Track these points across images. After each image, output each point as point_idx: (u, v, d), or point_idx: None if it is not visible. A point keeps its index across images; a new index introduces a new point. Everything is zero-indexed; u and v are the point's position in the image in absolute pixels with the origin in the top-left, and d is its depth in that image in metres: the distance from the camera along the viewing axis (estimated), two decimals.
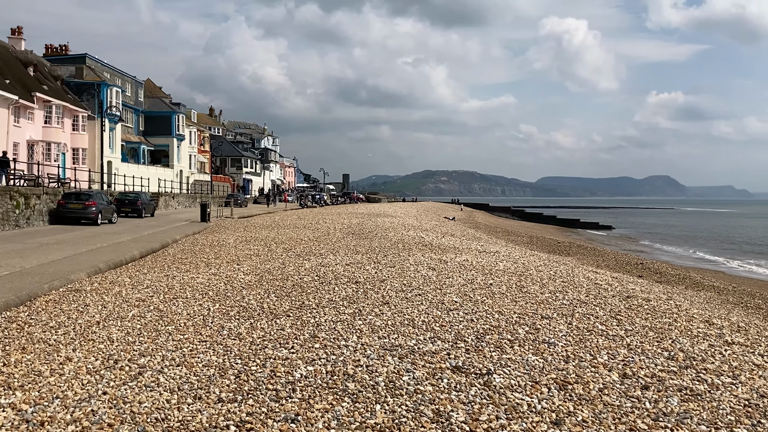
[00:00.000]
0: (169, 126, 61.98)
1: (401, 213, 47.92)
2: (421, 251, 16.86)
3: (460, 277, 11.31)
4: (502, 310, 8.07)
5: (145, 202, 34.41)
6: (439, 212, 68.38)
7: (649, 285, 17.73)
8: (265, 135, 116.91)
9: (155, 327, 7.62)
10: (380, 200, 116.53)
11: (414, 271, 11.96)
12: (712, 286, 21.99)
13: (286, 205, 66.15)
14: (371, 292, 9.56)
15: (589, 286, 11.30)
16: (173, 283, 11.15)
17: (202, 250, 18.21)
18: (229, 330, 7.34)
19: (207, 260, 15.54)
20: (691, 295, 18.65)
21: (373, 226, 27.50)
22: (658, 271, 26.32)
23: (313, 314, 8.04)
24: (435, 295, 9.22)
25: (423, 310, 8.12)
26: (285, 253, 16.79)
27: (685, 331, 7.54)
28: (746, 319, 11.19)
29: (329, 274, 11.78)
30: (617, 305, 9.05)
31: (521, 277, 11.74)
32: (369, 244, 19.05)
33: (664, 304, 10.15)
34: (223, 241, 20.68)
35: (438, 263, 13.47)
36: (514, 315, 7.80)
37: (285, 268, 13.00)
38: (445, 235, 26.26)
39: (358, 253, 16.02)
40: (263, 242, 20.13)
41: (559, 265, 16.72)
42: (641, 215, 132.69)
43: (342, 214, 42.42)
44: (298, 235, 22.64)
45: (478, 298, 8.97)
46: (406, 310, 8.13)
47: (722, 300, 18.38)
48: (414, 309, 8.19)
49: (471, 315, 7.75)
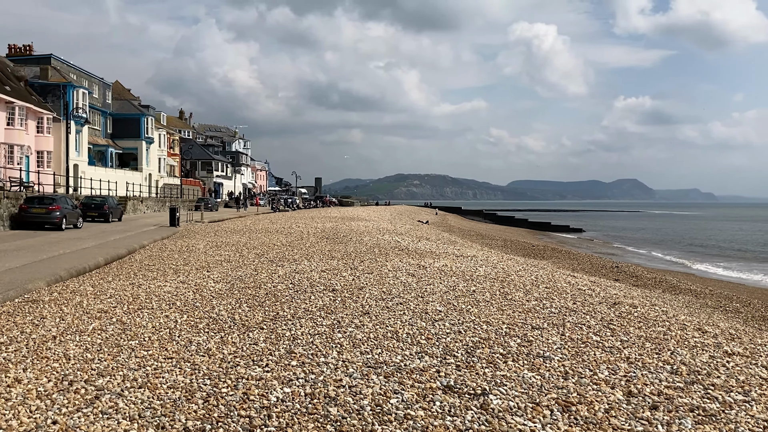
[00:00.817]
0: (138, 129, 60.72)
1: (375, 217, 47.43)
2: (399, 256, 16.38)
3: (441, 283, 10.85)
4: (489, 320, 7.61)
5: (112, 206, 33.47)
6: (413, 216, 68.01)
7: (628, 289, 17.49)
8: (237, 138, 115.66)
9: (117, 342, 7.02)
10: (353, 204, 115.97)
11: (393, 278, 11.47)
12: (689, 289, 21.87)
13: (258, 209, 65.24)
14: (350, 301, 9.04)
15: (574, 292, 10.93)
16: (139, 293, 10.52)
17: (170, 256, 17.53)
18: (197, 345, 6.77)
19: (175, 267, 14.89)
20: (670, 299, 18.45)
21: (347, 230, 26.97)
22: (634, 274, 26.19)
23: (289, 326, 7.50)
24: (417, 304, 8.73)
25: (406, 320, 7.62)
26: (257, 258, 16.19)
27: (682, 341, 7.16)
28: (733, 325, 10.91)
29: (304, 281, 11.24)
30: (607, 313, 8.66)
31: (504, 283, 11.32)
32: (344, 248, 18.52)
33: (652, 311, 9.80)
34: (193, 247, 20.00)
35: (417, 269, 12.99)
36: (503, 325, 7.34)
37: (257, 275, 12.43)
38: (421, 239, 25.83)
39: (334, 259, 15.49)
40: (234, 247, 19.49)
41: (538, 269, 16.38)
42: (610, 218, 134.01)
43: (315, 218, 41.79)
44: (271, 240, 22.03)
45: (463, 307, 8.50)
46: (389, 321, 7.63)
47: (701, 304, 18.20)
48: (396, 320, 7.69)
49: (458, 326, 7.27)
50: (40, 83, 44.95)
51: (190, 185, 73.43)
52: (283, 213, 56.27)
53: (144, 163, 61.10)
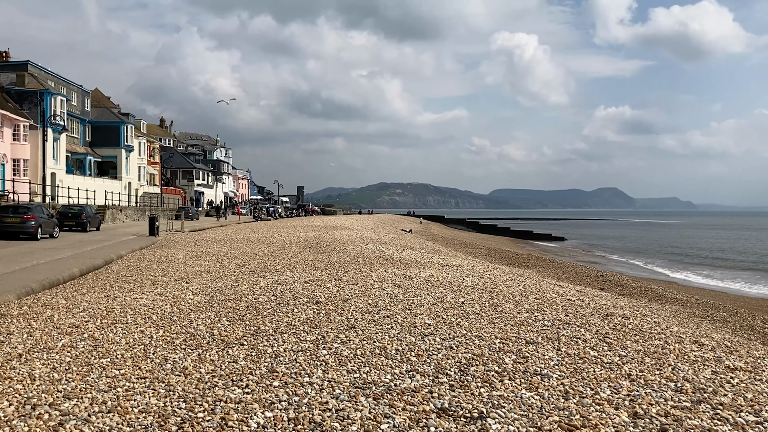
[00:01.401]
0: (118, 136, 59.92)
1: (358, 226, 47.04)
2: (383, 266, 16.03)
3: (429, 295, 10.50)
4: (481, 335, 7.27)
5: (90, 215, 32.81)
6: (396, 224, 67.69)
7: (615, 298, 17.28)
8: (218, 146, 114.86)
9: (87, 360, 6.59)
10: (336, 213, 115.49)
11: (379, 289, 11.11)
12: (675, 298, 21.73)
13: (240, 218, 64.57)
14: (334, 314, 8.67)
15: (564, 303, 10.64)
16: (113, 306, 10.06)
17: (148, 266, 17.05)
18: (173, 363, 6.37)
19: (153, 278, 14.43)
20: (658, 308, 18.25)
21: (330, 240, 26.57)
22: (619, 283, 26.05)
23: (271, 342, 7.11)
24: (405, 317, 8.37)
25: (394, 335, 7.26)
26: (238, 269, 15.77)
27: (681, 355, 6.88)
28: (727, 337, 10.69)
29: (287, 293, 10.84)
30: (601, 325, 8.37)
31: (492, 294, 11.01)
32: (328, 258, 18.14)
33: (645, 322, 9.54)
34: (172, 257, 19.51)
35: (403, 279, 12.65)
36: (496, 340, 7.01)
37: (238, 286, 12.01)
38: (405, 248, 25.49)
39: (317, 269, 15.10)
40: (215, 257, 19.04)
41: (525, 279, 16.09)
42: (591, 227, 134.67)
43: (297, 227, 41.33)
44: (252, 250, 21.59)
45: (453, 320, 8.16)
46: (376, 336, 7.26)
47: (689, 313, 18.02)
48: (384, 334, 7.33)
49: (449, 341, 6.93)
50: (17, 90, 44.16)
51: (170, 194, 72.61)
52: (265, 222, 55.71)
53: (123, 171, 60.28)
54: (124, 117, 63.40)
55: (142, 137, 67.98)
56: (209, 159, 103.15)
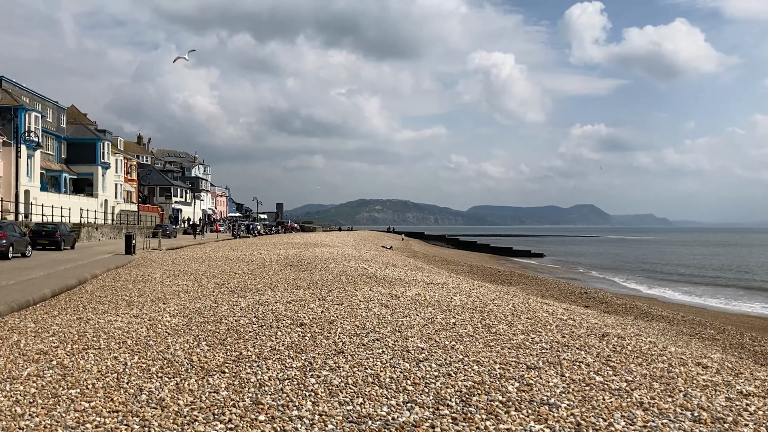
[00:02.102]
0: (94, 153, 58.96)
1: (339, 242, 46.51)
2: (368, 284, 15.58)
3: (418, 315, 10.07)
4: (479, 359, 6.85)
5: (64, 233, 32.01)
6: (376, 241, 67.24)
7: (601, 316, 16.99)
8: (196, 163, 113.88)
9: (54, 391, 6.08)
10: (315, 229, 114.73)
11: (365, 309, 10.66)
12: (660, 315, 21.50)
13: (218, 235, 63.73)
14: (320, 338, 8.20)
15: (557, 323, 10.27)
16: (86, 329, 9.51)
17: (124, 286, 16.46)
18: (148, 394, 5.87)
19: (129, 299, 13.86)
20: (645, 326, 18.01)
21: (311, 257, 26.06)
22: (603, 300, 25.82)
23: (254, 369, 6.63)
24: (396, 340, 7.93)
25: (387, 361, 6.81)
26: (217, 289, 15.24)
27: (690, 379, 6.52)
28: (726, 357, 10.40)
29: (269, 314, 10.36)
30: (601, 347, 8.00)
31: (483, 314, 10.61)
32: (310, 277, 17.65)
33: (642, 342, 9.19)
34: (149, 276, 18.91)
35: (389, 299, 12.21)
36: (495, 365, 6.59)
37: (218, 307, 11.50)
38: (388, 265, 25.04)
39: (300, 288, 14.62)
40: (193, 276, 18.47)
41: (512, 297, 15.73)
42: (569, 243, 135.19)
43: (277, 244, 40.71)
44: (232, 268, 21.03)
45: (447, 343, 7.73)
46: (367, 361, 6.81)
47: (677, 331, 17.78)
48: (375, 360, 6.88)
49: (446, 367, 6.50)
50: None
51: (147, 211, 71.55)
52: (244, 239, 54.96)
53: (100, 188, 59.28)
54: (100, 134, 62.48)
55: (119, 154, 67.04)
56: (187, 176, 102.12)
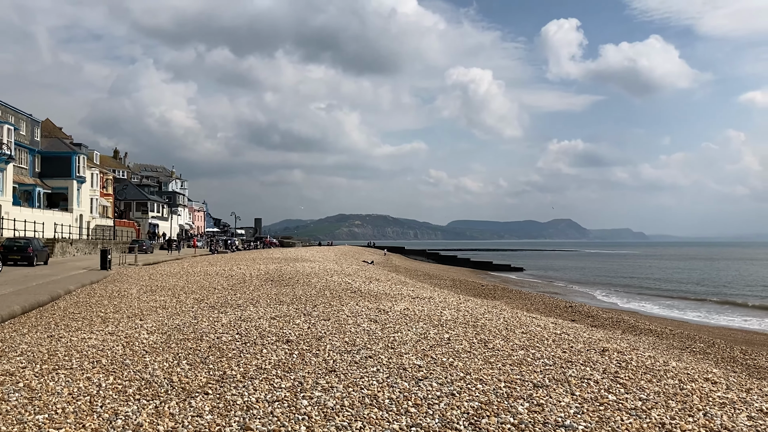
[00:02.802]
0: (69, 167, 57.87)
1: (320, 257, 45.94)
2: (353, 299, 15.12)
3: (410, 330, 9.63)
4: (482, 377, 6.42)
5: (37, 248, 31.13)
6: (357, 256, 66.72)
7: (590, 330, 16.66)
8: (173, 178, 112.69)
9: (19, 417, 5.53)
10: (294, 245, 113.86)
11: (354, 325, 10.19)
12: (648, 329, 21.23)
13: (195, 250, 62.80)
14: (309, 355, 7.72)
15: (553, 338, 9.89)
16: (57, 348, 8.93)
17: (99, 302, 15.83)
18: (125, 419, 5.36)
19: (104, 315, 13.26)
20: (635, 340, 17.70)
21: (293, 272, 25.51)
22: (589, 314, 25.54)
23: (240, 390, 6.14)
24: (390, 357, 7.48)
25: (383, 380, 6.35)
26: (197, 304, 14.67)
27: (705, 396, 6.15)
28: (719, 371, 10.09)
29: (252, 330, 9.85)
30: (605, 363, 7.62)
31: (476, 329, 10.20)
32: (292, 292, 17.13)
33: (640, 356, 8.83)
34: (125, 292, 18.28)
35: (377, 313, 11.75)
36: (500, 384, 6.16)
37: (198, 323, 10.95)
38: (371, 280, 24.58)
39: (283, 304, 14.10)
40: (171, 292, 17.87)
41: (501, 311, 15.37)
42: (548, 257, 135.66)
43: (257, 259, 40.05)
44: (211, 284, 20.43)
45: (444, 360, 7.29)
46: (362, 381, 6.34)
47: (667, 345, 17.50)
48: (371, 379, 6.41)
49: (447, 386, 6.05)
50: None
51: (124, 226, 70.38)
52: (222, 255, 54.14)
53: (75, 203, 58.16)
54: (75, 147, 61.45)
55: (95, 168, 65.95)
56: (164, 191, 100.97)
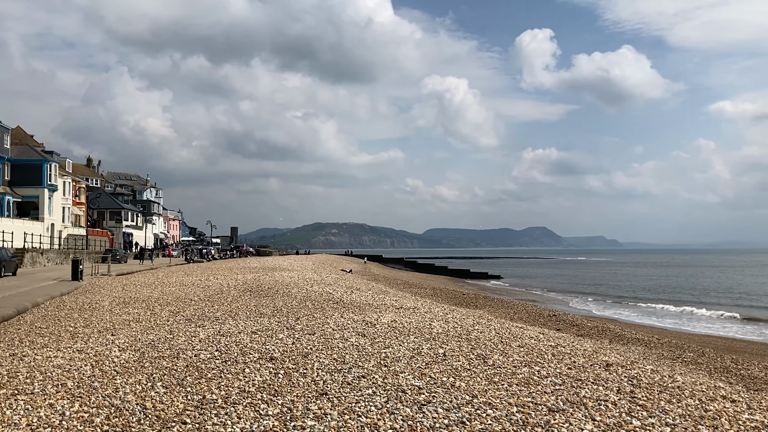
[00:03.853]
0: (40, 175, 56.55)
1: (298, 266, 45.18)
2: (337, 310, 14.50)
3: (402, 345, 9.05)
4: (489, 400, 5.86)
5: (5, 258, 30.07)
6: (335, 265, 65.98)
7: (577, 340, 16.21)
8: (148, 186, 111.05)
9: None
10: (272, 253, 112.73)
11: (341, 339, 9.58)
12: (635, 338, 20.87)
13: (171, 260, 61.61)
14: (296, 375, 7.10)
15: (552, 351, 9.38)
16: (19, 368, 8.20)
17: (68, 315, 15.03)
18: None
19: (73, 330, 12.51)
20: (624, 350, 17.29)
21: (272, 282, 24.80)
22: (573, 323, 25.15)
23: (222, 418, 5.50)
24: (385, 377, 6.88)
25: (382, 405, 5.74)
26: (172, 317, 13.96)
27: (734, 420, 5.64)
28: (725, 386, 9.65)
29: (233, 346, 9.19)
30: (618, 381, 7.11)
31: (470, 342, 9.66)
32: (273, 303, 16.47)
33: (643, 372, 8.36)
34: (97, 304, 17.48)
35: (364, 326, 11.16)
36: (512, 408, 5.60)
37: (174, 339, 10.26)
38: (352, 289, 23.97)
39: (263, 316, 13.44)
40: (145, 304, 17.11)
41: (490, 322, 14.85)
42: (525, 265, 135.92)
43: (234, 269, 39.20)
44: (187, 295, 19.67)
45: (445, 380, 6.72)
46: (358, 406, 5.73)
47: (657, 355, 17.12)
48: (368, 404, 5.80)
49: (454, 412, 5.47)
50: None
51: (97, 236, 68.91)
52: (198, 264, 53.11)
53: (46, 212, 56.78)
54: (47, 155, 60.11)
55: (67, 176, 64.55)
56: (139, 199, 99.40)
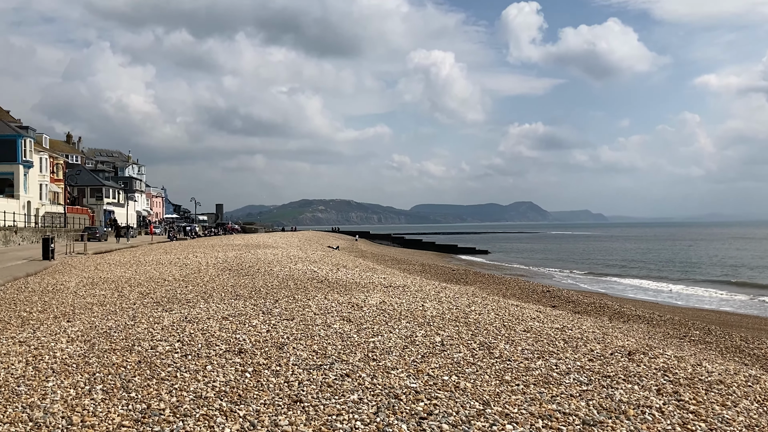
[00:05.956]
0: (14, 151, 54.68)
1: (283, 243, 43.89)
2: (320, 291, 13.31)
3: (392, 333, 7.86)
4: (506, 410, 4.66)
5: None
6: (321, 241, 64.77)
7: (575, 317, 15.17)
8: (130, 163, 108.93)
9: None
10: (257, 230, 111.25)
11: (323, 326, 8.37)
12: (636, 315, 19.85)
13: (153, 237, 60.11)
14: (267, 373, 5.88)
15: (561, 336, 8.24)
16: None
17: (28, 298, 13.74)
18: None
19: (27, 315, 11.25)
20: (626, 328, 16.26)
21: (253, 260, 23.54)
22: (569, 299, 24.14)
23: None
24: (373, 375, 5.68)
25: (371, 418, 4.50)
26: (140, 299, 12.71)
27: None
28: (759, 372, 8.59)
29: (198, 336, 7.96)
30: (651, 376, 5.97)
31: (469, 327, 8.50)
32: (252, 283, 15.25)
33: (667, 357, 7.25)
34: (62, 285, 16.18)
35: (350, 309, 9.96)
36: (537, 422, 4.40)
37: (134, 326, 9.01)
38: (338, 267, 22.79)
39: (239, 298, 12.22)
40: (114, 284, 15.84)
41: (485, 300, 13.73)
42: (512, 240, 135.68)
43: (216, 246, 37.87)
44: (161, 274, 18.40)
45: (446, 379, 5.52)
46: (340, 419, 4.51)
47: (663, 333, 16.09)
48: (352, 416, 4.57)
49: (462, 428, 4.30)
50: None
51: (76, 213, 67.18)
52: (181, 242, 51.69)
53: (22, 189, 55.00)
54: (22, 130, 58.12)
55: (44, 152, 62.62)
56: (120, 176, 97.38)
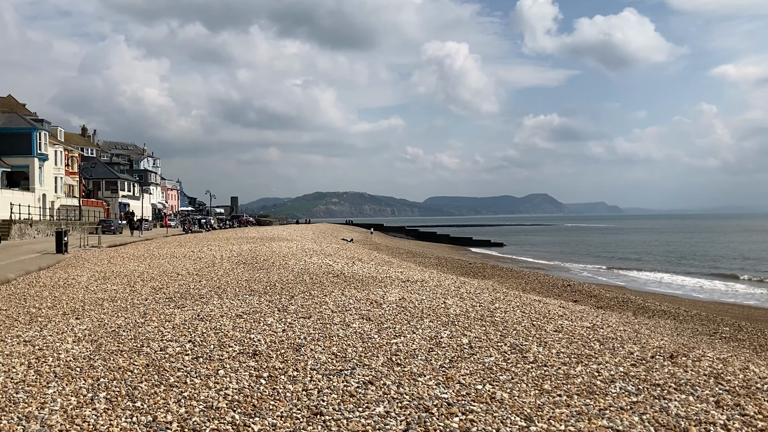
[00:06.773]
0: (29, 144, 54.61)
1: (297, 236, 43.55)
2: (337, 286, 12.86)
3: (415, 333, 7.39)
4: (552, 426, 4.16)
5: None
6: (335, 234, 64.40)
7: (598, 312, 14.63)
8: (145, 156, 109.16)
9: None
10: (272, 223, 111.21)
11: (342, 325, 7.92)
12: (661, 311, 19.25)
13: (167, 230, 60.02)
14: (283, 379, 5.44)
15: (595, 336, 7.75)
16: None
17: (38, 293, 13.39)
18: None
19: (35, 311, 10.87)
20: (653, 324, 15.69)
21: (268, 253, 23.15)
22: (591, 293, 23.55)
23: None
24: (399, 383, 5.21)
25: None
26: (152, 295, 12.32)
27: None
28: None
29: (210, 335, 7.54)
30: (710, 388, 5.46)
31: (496, 326, 8.01)
32: (266, 277, 14.83)
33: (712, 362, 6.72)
34: (74, 279, 15.86)
35: (369, 306, 9.50)
36: None
37: (144, 324, 8.61)
38: (353, 260, 22.36)
39: (254, 294, 11.80)
40: (127, 279, 15.48)
41: (510, 297, 13.21)
42: (527, 232, 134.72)
43: (231, 239, 37.57)
44: (175, 268, 18.04)
45: (479, 387, 5.05)
46: None
47: (692, 330, 15.52)
48: None
49: None
50: None
51: (91, 206, 67.23)
52: (195, 235, 51.51)
53: (37, 182, 54.99)
54: (37, 123, 58.11)
55: (59, 145, 62.63)
56: (136, 169, 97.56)
